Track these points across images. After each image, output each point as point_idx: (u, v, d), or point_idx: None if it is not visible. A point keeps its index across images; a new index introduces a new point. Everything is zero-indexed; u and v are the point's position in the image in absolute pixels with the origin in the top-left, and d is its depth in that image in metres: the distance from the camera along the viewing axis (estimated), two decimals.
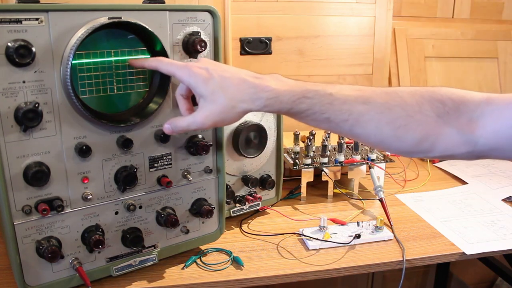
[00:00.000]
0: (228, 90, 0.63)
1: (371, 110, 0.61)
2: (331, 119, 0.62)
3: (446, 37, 1.65)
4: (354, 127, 0.62)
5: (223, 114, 0.63)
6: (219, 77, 0.63)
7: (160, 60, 0.69)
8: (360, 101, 0.61)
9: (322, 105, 0.61)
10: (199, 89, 0.64)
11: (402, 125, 0.60)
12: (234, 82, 0.63)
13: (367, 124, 0.61)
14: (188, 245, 0.85)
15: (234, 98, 0.62)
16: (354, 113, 0.61)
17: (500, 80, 1.70)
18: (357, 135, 0.63)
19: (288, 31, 1.43)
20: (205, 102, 0.64)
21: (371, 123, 0.61)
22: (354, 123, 0.62)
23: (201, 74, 0.64)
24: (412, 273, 1.86)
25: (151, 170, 0.77)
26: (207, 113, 0.64)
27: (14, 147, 0.64)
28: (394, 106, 0.61)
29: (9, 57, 0.60)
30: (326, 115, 0.62)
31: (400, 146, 0.62)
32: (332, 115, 0.61)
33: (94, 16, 0.66)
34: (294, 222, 1.01)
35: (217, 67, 0.65)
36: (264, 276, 0.81)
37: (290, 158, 1.15)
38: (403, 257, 0.87)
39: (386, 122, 0.61)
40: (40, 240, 0.68)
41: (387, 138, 0.62)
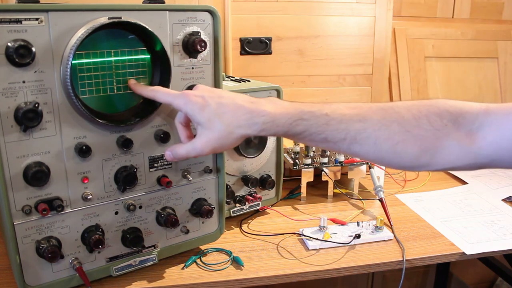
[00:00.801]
0: (225, 116, 0.64)
1: (368, 128, 0.61)
2: (328, 139, 0.62)
3: (446, 37, 1.65)
4: (352, 146, 0.62)
5: (221, 140, 0.65)
6: (215, 104, 0.64)
7: (157, 90, 0.70)
8: (357, 119, 0.61)
9: (318, 126, 0.62)
10: (196, 117, 0.65)
11: (400, 141, 0.61)
12: (230, 108, 0.64)
13: (365, 142, 0.61)
14: (188, 245, 0.85)
15: (231, 124, 0.63)
16: (351, 132, 0.61)
17: (500, 80, 1.70)
18: (356, 153, 0.63)
19: (288, 31, 1.43)
20: (203, 129, 0.65)
21: (369, 141, 0.61)
22: (352, 142, 0.62)
23: (197, 102, 0.65)
24: (412, 273, 1.86)
25: (151, 170, 0.77)
26: (206, 140, 0.65)
27: (14, 147, 0.63)
28: (391, 122, 0.61)
29: (9, 57, 0.60)
30: (323, 136, 0.62)
31: (400, 162, 0.62)
32: (329, 135, 0.62)
33: (94, 16, 0.66)
34: (294, 222, 1.01)
35: (213, 94, 0.66)
36: (264, 276, 0.81)
37: (290, 158, 1.15)
38: (403, 257, 0.87)
39: (384, 139, 0.61)
40: (40, 240, 0.68)
41: (386, 154, 0.62)
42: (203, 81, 0.79)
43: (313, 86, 1.50)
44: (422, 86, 1.63)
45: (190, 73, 0.77)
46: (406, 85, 1.61)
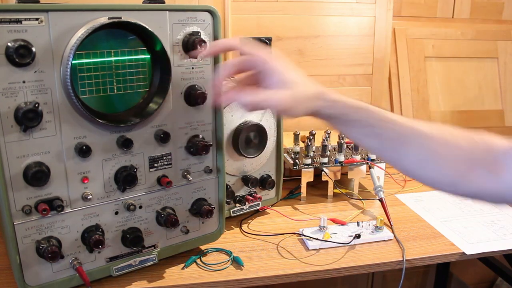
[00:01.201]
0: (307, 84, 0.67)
1: (418, 136, 0.65)
2: (380, 134, 0.66)
3: (446, 37, 1.65)
4: (398, 146, 0.66)
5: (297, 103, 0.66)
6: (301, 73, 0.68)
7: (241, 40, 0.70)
8: (408, 125, 0.66)
9: (375, 120, 0.66)
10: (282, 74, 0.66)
11: (439, 156, 0.64)
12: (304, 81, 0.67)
13: (410, 146, 0.65)
14: (188, 245, 0.85)
15: (308, 92, 0.66)
16: (402, 134, 0.65)
17: (500, 80, 1.70)
18: (400, 155, 0.67)
19: (288, 31, 1.43)
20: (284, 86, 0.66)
21: (413, 145, 0.65)
22: (399, 142, 0.65)
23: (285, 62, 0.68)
24: (412, 273, 1.86)
25: (151, 170, 0.77)
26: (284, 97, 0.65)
27: (14, 147, 0.64)
28: (435, 136, 0.65)
29: (9, 57, 0.60)
30: (377, 130, 0.66)
31: (431, 177, 0.66)
32: (383, 132, 0.66)
33: (94, 16, 0.66)
34: (294, 222, 1.01)
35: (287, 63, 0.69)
36: (264, 276, 0.81)
37: (290, 158, 1.15)
38: (403, 257, 0.87)
39: (426, 148, 0.64)
40: (40, 240, 0.68)
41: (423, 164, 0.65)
42: (203, 81, 0.79)
43: None
44: (422, 86, 1.63)
45: (190, 73, 0.77)
46: (406, 85, 1.61)
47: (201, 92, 0.76)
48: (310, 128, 1.28)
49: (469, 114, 1.67)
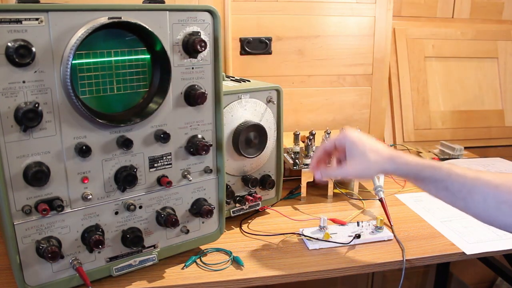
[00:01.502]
0: (374, 152, 0.80)
1: (481, 185, 0.71)
2: (449, 188, 0.74)
3: (446, 37, 1.65)
4: (466, 197, 0.72)
5: (366, 170, 0.81)
6: (368, 143, 0.82)
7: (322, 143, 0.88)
8: (472, 177, 0.73)
9: (442, 175, 0.74)
10: (351, 149, 0.82)
11: (504, 201, 0.69)
12: (378, 148, 0.81)
13: (476, 196, 0.71)
14: (188, 245, 0.85)
15: (376, 160, 0.79)
16: (467, 185, 0.72)
17: (500, 80, 1.70)
18: (468, 206, 0.73)
19: (288, 31, 1.43)
20: (354, 159, 0.82)
21: (479, 196, 0.71)
22: (466, 194, 0.72)
23: (354, 138, 0.83)
24: (412, 273, 1.86)
25: (151, 170, 0.77)
26: (355, 168, 0.82)
27: (14, 147, 0.64)
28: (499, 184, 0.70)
29: (9, 57, 0.60)
30: (445, 184, 0.74)
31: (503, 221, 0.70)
32: (450, 184, 0.74)
33: (94, 16, 0.66)
34: (294, 222, 1.01)
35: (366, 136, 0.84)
36: (264, 276, 0.81)
37: (290, 158, 1.15)
38: (403, 257, 0.87)
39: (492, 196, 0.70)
40: (40, 240, 0.68)
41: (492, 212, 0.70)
42: (203, 81, 0.79)
43: (313, 86, 1.50)
44: (422, 86, 1.63)
45: (190, 73, 0.77)
46: (406, 85, 1.61)
47: (201, 92, 0.76)
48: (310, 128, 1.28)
49: (469, 114, 1.67)
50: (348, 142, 0.83)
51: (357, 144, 0.82)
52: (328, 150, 0.88)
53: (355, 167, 0.82)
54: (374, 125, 1.58)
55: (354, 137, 0.83)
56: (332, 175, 0.87)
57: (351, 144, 0.83)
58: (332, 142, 0.87)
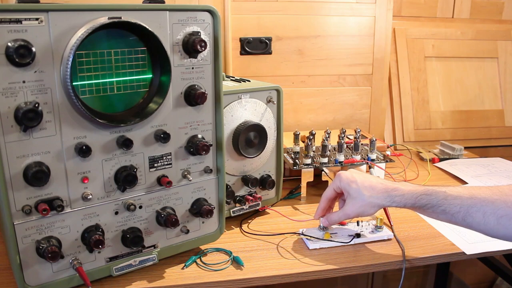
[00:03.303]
0: (369, 190, 0.84)
1: (477, 203, 0.75)
2: (446, 211, 0.78)
3: (446, 37, 1.65)
4: (466, 217, 0.76)
5: (363, 207, 0.84)
6: (361, 180, 0.85)
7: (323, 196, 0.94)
8: (468, 196, 0.76)
9: (438, 200, 0.78)
10: (348, 189, 0.86)
11: (504, 215, 0.72)
12: (373, 185, 0.84)
13: (475, 215, 0.75)
14: (188, 245, 0.85)
15: (372, 196, 0.83)
16: (464, 206, 0.76)
17: (500, 80, 1.70)
18: (469, 224, 0.77)
19: (288, 31, 1.43)
20: (351, 199, 0.86)
21: (478, 214, 0.75)
22: (465, 214, 0.76)
23: (348, 178, 0.87)
24: (412, 273, 1.86)
25: (151, 170, 0.77)
26: (353, 208, 0.85)
27: (14, 147, 0.63)
28: (495, 200, 0.74)
29: (9, 57, 0.60)
30: (442, 208, 0.78)
31: (505, 233, 0.73)
32: (447, 207, 0.77)
33: (94, 16, 0.66)
34: (294, 222, 1.01)
35: (359, 175, 0.88)
36: (264, 276, 0.81)
37: (290, 158, 1.15)
38: (403, 257, 0.87)
39: (490, 213, 0.74)
40: (40, 240, 0.68)
41: (493, 226, 0.74)
42: (203, 81, 0.79)
43: (313, 86, 1.50)
44: (422, 86, 1.63)
45: (190, 73, 0.77)
46: (406, 85, 1.61)
47: (201, 92, 0.76)
48: (310, 128, 1.28)
49: (469, 114, 1.67)
50: (343, 184, 0.87)
51: (351, 185, 0.86)
52: (330, 197, 0.92)
53: (354, 207, 0.85)
54: (374, 125, 1.58)
55: (348, 178, 0.87)
56: (336, 220, 0.90)
57: (346, 186, 0.87)
58: (331, 188, 0.91)
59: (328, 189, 0.92)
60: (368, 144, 1.18)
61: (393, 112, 1.61)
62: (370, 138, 1.17)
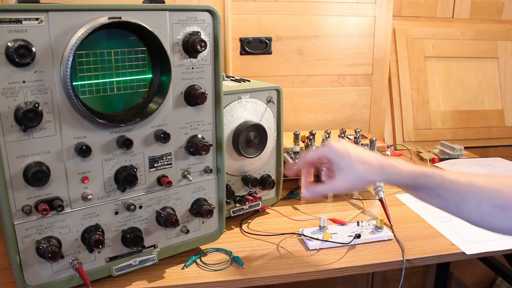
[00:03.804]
0: (363, 165, 0.76)
1: (473, 190, 0.71)
2: (441, 195, 0.73)
3: (446, 37, 1.65)
4: (459, 203, 0.72)
5: (357, 182, 0.77)
6: (355, 154, 0.77)
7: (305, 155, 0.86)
8: (464, 182, 0.72)
9: (435, 183, 0.73)
10: (340, 162, 0.78)
11: (498, 205, 0.69)
12: (367, 159, 0.77)
13: (469, 201, 0.71)
14: (188, 245, 0.85)
15: (367, 171, 0.76)
16: (460, 192, 0.72)
17: (500, 80, 1.70)
18: (462, 210, 0.73)
19: (288, 31, 1.43)
20: (343, 173, 0.77)
21: (472, 201, 0.71)
22: (459, 200, 0.72)
23: (341, 150, 0.78)
24: (412, 273, 1.86)
25: (151, 170, 0.77)
26: (345, 182, 0.77)
27: (14, 147, 0.63)
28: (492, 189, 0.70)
29: (9, 57, 0.60)
30: (437, 192, 0.73)
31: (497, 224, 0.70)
32: (442, 192, 0.73)
33: (94, 16, 0.66)
34: (294, 222, 1.01)
35: (353, 147, 0.79)
36: (264, 276, 0.81)
37: (290, 158, 1.15)
38: (403, 257, 0.87)
39: (485, 202, 0.70)
40: (40, 240, 0.68)
41: (486, 216, 0.70)
42: (203, 81, 0.79)
43: (313, 86, 1.50)
44: (422, 86, 1.63)
45: (190, 73, 0.77)
46: (406, 85, 1.61)
47: (201, 92, 0.76)
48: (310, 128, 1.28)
49: (469, 114, 1.67)
50: (333, 155, 0.79)
51: (343, 156, 0.77)
52: (311, 161, 0.85)
53: (343, 181, 0.78)
54: (374, 125, 1.58)
55: (339, 149, 0.78)
56: (321, 192, 0.83)
57: (337, 158, 0.78)
58: (315, 155, 0.83)
59: (312, 154, 0.84)
60: (368, 144, 1.18)
61: (393, 112, 1.61)
62: (370, 138, 1.17)
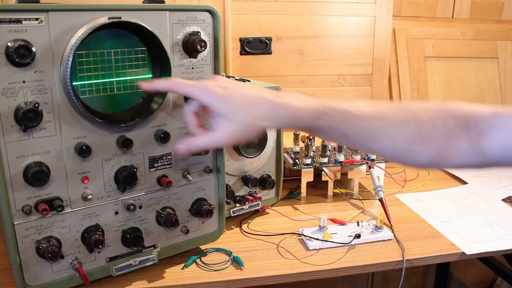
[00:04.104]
0: (248, 108, 0.63)
1: (386, 126, 0.62)
2: (348, 135, 0.63)
3: (446, 37, 1.65)
4: (370, 142, 0.64)
5: (243, 131, 0.64)
6: (238, 95, 0.63)
7: (174, 80, 0.69)
8: (375, 117, 0.63)
9: (339, 122, 0.62)
10: (218, 108, 0.64)
11: (415, 140, 0.62)
12: (254, 100, 0.63)
13: (382, 139, 0.63)
14: (188, 245, 0.85)
15: (255, 116, 0.63)
16: (370, 129, 0.63)
17: (500, 80, 1.70)
18: (373, 150, 0.66)
19: (288, 31, 1.43)
20: (225, 120, 0.64)
21: (386, 138, 0.63)
22: (370, 138, 0.63)
23: (219, 93, 0.64)
24: (412, 273, 1.86)
25: (151, 170, 0.77)
26: (228, 132, 0.64)
27: (14, 147, 0.63)
28: (408, 122, 0.62)
29: (9, 57, 0.60)
30: (343, 131, 0.63)
31: (415, 160, 0.64)
32: (349, 131, 0.63)
33: (94, 16, 0.66)
34: (294, 222, 1.01)
35: (235, 86, 0.65)
36: (264, 276, 0.81)
37: (290, 158, 1.15)
38: (403, 257, 0.87)
39: (400, 137, 0.62)
40: (40, 240, 0.68)
41: (402, 153, 0.63)
42: None
43: (313, 86, 1.50)
44: (422, 86, 1.63)
45: (190, 73, 0.77)
46: (406, 85, 1.61)
47: None
48: None
49: None
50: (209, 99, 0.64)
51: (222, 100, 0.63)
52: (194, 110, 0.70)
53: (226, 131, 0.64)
54: None
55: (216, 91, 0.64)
56: (200, 145, 0.68)
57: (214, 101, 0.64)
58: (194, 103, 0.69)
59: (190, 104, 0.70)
60: None
61: None
62: None
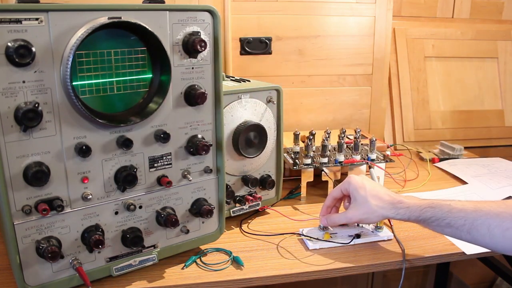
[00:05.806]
0: (374, 198, 0.85)
1: (482, 216, 0.74)
2: (451, 224, 0.77)
3: (446, 37, 1.65)
4: (471, 230, 0.75)
5: (367, 215, 0.85)
6: (370, 188, 0.86)
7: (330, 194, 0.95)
8: (473, 209, 0.76)
9: (443, 213, 0.78)
10: (354, 194, 0.87)
11: (509, 228, 0.72)
12: (379, 194, 0.85)
13: (480, 228, 0.74)
14: (188, 245, 0.85)
15: (378, 205, 0.84)
16: (469, 219, 0.75)
17: (500, 80, 1.70)
18: (474, 238, 0.76)
19: (288, 31, 1.43)
20: (356, 204, 0.87)
21: (483, 227, 0.74)
22: (470, 227, 0.75)
23: (358, 183, 0.88)
24: (412, 273, 1.86)
25: (151, 170, 0.77)
26: (357, 213, 0.86)
27: (14, 147, 0.64)
28: (500, 212, 0.73)
29: (9, 57, 0.60)
30: (447, 221, 0.78)
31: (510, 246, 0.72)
32: (452, 220, 0.77)
33: (94, 16, 0.66)
34: (294, 222, 1.01)
35: (369, 182, 0.88)
36: (264, 276, 0.81)
37: (290, 158, 1.15)
38: (403, 257, 0.87)
39: (495, 226, 0.73)
40: (40, 240, 0.68)
41: (498, 240, 0.73)
42: (203, 81, 0.79)
43: (313, 86, 1.50)
44: (422, 86, 1.63)
45: (190, 73, 0.77)
46: (406, 85, 1.61)
47: (201, 92, 0.76)
48: (310, 128, 1.28)
49: (469, 114, 1.67)
50: (351, 188, 0.88)
51: (359, 190, 0.86)
52: (336, 197, 0.93)
53: (357, 213, 0.86)
54: (374, 125, 1.59)
55: (357, 183, 0.87)
56: (337, 221, 0.91)
57: (354, 190, 0.87)
58: (338, 189, 0.92)
59: (336, 189, 0.93)
60: (368, 144, 1.18)
61: (393, 112, 1.61)
62: (370, 138, 1.17)
